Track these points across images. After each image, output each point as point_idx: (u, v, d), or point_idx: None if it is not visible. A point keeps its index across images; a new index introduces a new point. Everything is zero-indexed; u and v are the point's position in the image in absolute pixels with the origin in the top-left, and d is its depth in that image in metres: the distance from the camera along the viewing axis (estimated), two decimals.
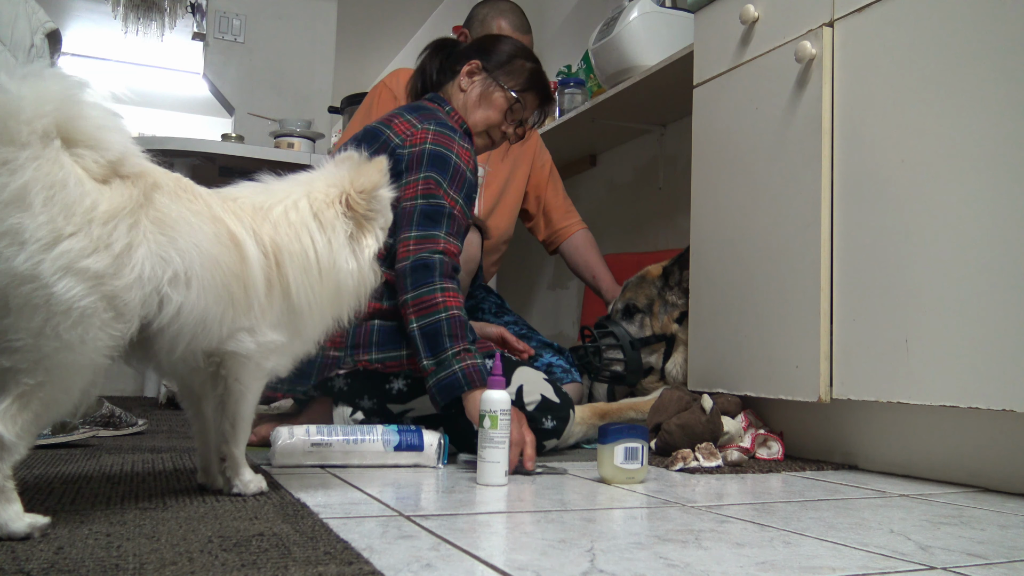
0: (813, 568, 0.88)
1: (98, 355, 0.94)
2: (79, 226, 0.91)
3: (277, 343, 1.17)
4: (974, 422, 1.53)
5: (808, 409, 1.87)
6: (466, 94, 2.00)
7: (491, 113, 1.99)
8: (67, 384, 0.93)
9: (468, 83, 2.01)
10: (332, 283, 1.22)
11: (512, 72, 2.03)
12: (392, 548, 0.90)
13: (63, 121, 0.92)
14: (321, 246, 1.21)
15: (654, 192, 3.19)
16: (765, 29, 1.95)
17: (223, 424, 1.19)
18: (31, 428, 0.91)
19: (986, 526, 1.15)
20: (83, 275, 0.91)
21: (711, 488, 1.45)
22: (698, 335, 2.11)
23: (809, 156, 1.79)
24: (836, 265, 1.73)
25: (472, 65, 2.02)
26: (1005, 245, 1.42)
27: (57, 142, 0.92)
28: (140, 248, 0.97)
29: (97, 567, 0.78)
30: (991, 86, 1.46)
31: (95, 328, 0.92)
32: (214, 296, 1.05)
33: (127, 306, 0.96)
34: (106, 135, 0.97)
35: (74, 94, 0.95)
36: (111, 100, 1.01)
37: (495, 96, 1.99)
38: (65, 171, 0.91)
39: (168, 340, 1.04)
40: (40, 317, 0.89)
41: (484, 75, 2.01)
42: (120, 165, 0.98)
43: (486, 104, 1.99)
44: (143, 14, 5.86)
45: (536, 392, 1.79)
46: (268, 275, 1.14)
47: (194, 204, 1.08)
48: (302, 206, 1.22)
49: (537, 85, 2.04)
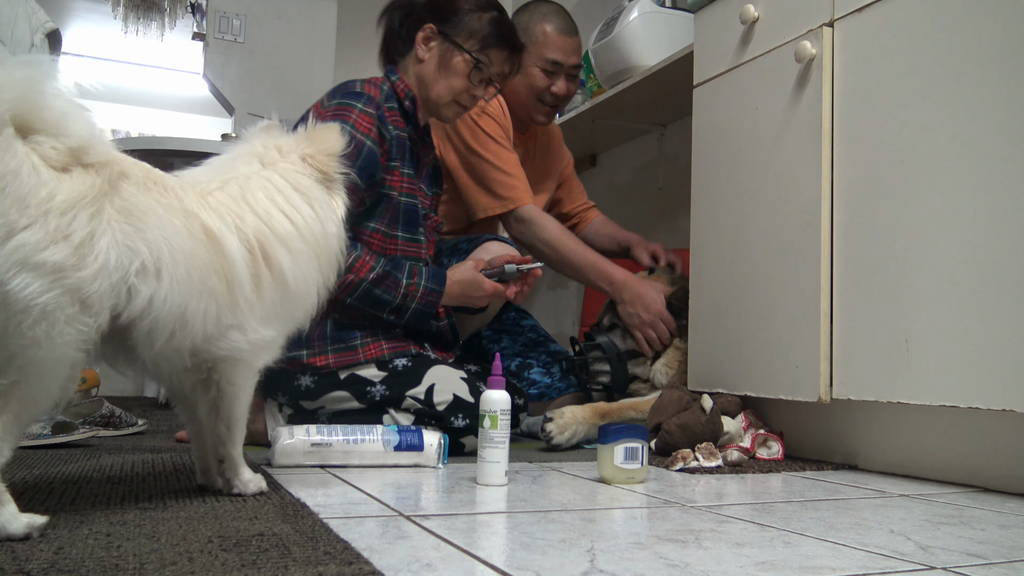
0: (813, 568, 0.88)
1: (69, 349, 0.91)
2: (34, 218, 0.87)
3: (267, 339, 1.15)
4: (974, 422, 1.53)
5: (808, 409, 1.87)
6: (424, 64, 1.90)
7: (454, 81, 1.88)
8: (42, 381, 0.91)
9: (425, 51, 1.90)
10: (325, 253, 1.22)
11: (470, 29, 1.89)
12: (392, 548, 0.90)
13: (23, 110, 0.89)
14: (311, 219, 1.20)
15: (654, 192, 3.19)
16: (765, 29, 1.95)
17: (218, 427, 1.19)
18: (12, 428, 0.89)
19: (986, 526, 1.15)
20: (41, 269, 0.87)
21: (711, 488, 1.45)
22: (698, 335, 2.11)
23: (809, 156, 1.79)
24: (836, 265, 1.73)
25: (426, 31, 1.90)
26: (1005, 245, 1.42)
27: (9, 130, 0.87)
28: (103, 237, 0.93)
29: (97, 567, 0.78)
30: (991, 86, 1.46)
31: (60, 323, 0.89)
32: (191, 290, 1.02)
33: (92, 297, 0.92)
34: (68, 123, 0.93)
35: (37, 83, 0.91)
36: (79, 93, 0.97)
37: (455, 62, 1.88)
38: (18, 160, 0.87)
39: (144, 334, 1.00)
40: (0, 316, 0.86)
41: (440, 39, 1.89)
42: (83, 153, 0.94)
43: (446, 71, 1.88)
44: (143, 14, 5.86)
45: (448, 391, 1.79)
46: (255, 270, 1.11)
47: (164, 197, 1.03)
48: (279, 183, 1.19)
49: (500, 37, 1.90)
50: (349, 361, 1.78)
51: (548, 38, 2.40)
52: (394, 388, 1.78)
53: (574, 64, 2.45)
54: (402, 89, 1.90)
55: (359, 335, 1.79)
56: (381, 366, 1.79)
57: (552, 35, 2.40)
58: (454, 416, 1.78)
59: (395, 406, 1.79)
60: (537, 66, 2.40)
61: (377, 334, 1.81)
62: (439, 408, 1.78)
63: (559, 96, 2.45)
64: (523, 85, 2.43)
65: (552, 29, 2.41)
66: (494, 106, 2.34)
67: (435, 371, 1.81)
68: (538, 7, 2.46)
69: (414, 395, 1.78)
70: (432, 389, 1.78)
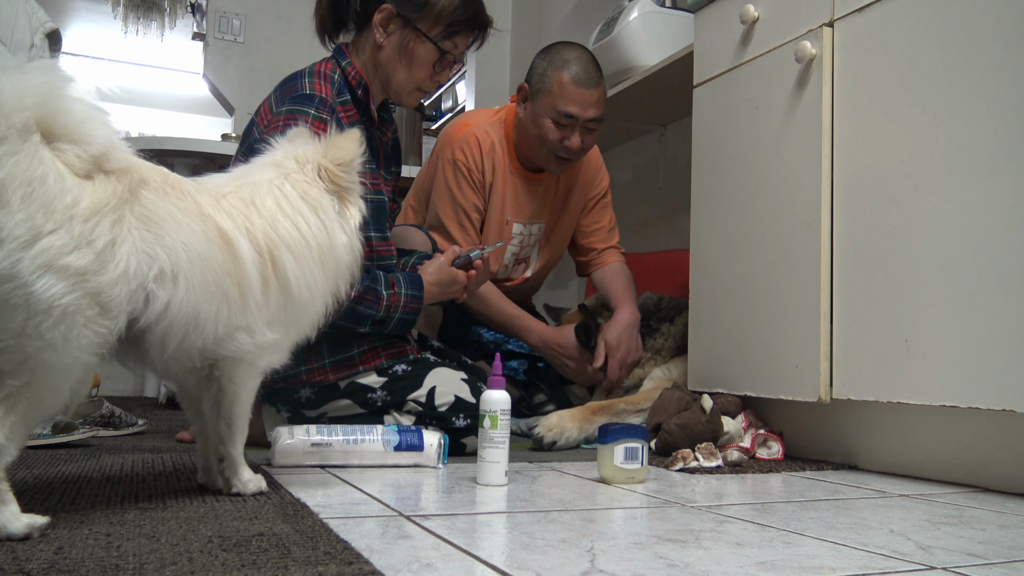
0: (813, 568, 0.88)
1: (84, 353, 0.93)
2: (59, 223, 0.89)
3: (272, 341, 1.16)
4: (974, 422, 1.53)
5: (808, 409, 1.87)
6: (383, 50, 1.73)
7: (415, 71, 1.73)
8: (54, 384, 0.92)
9: (383, 35, 1.71)
10: (331, 263, 1.22)
11: (435, 13, 1.70)
12: (392, 548, 0.90)
13: (44, 115, 0.90)
14: (317, 228, 1.20)
15: (654, 192, 3.19)
16: (765, 29, 1.95)
17: (219, 425, 1.19)
18: (20, 430, 0.90)
19: (986, 526, 1.15)
20: (63, 272, 0.89)
21: (711, 488, 1.45)
22: (698, 335, 2.11)
23: (809, 156, 1.79)
24: (836, 265, 1.73)
25: (384, 11, 1.71)
26: (1005, 245, 1.42)
27: (36, 137, 0.90)
28: (124, 244, 0.95)
29: (97, 567, 0.78)
30: (991, 86, 1.46)
31: (79, 326, 0.91)
32: (205, 293, 1.04)
33: (112, 302, 0.94)
34: (89, 129, 0.95)
35: (57, 88, 0.93)
36: (98, 97, 0.99)
37: (417, 50, 1.72)
38: (45, 167, 0.89)
39: (158, 338, 1.02)
40: (20, 317, 0.87)
41: (400, 22, 1.71)
42: (104, 160, 0.96)
43: (407, 59, 1.72)
44: (143, 14, 5.86)
45: (450, 393, 1.78)
46: (264, 273, 1.13)
47: (182, 201, 1.06)
48: (288, 191, 1.21)
49: (467, 21, 1.73)
50: (348, 372, 1.76)
51: (564, 89, 2.22)
52: (395, 393, 1.77)
53: (591, 117, 2.26)
54: (354, 77, 1.74)
55: (355, 346, 1.76)
56: (381, 372, 1.78)
57: (568, 86, 2.22)
58: (455, 416, 1.78)
59: (397, 410, 1.78)
60: (550, 117, 2.24)
61: (374, 342, 1.78)
62: (441, 409, 1.77)
63: (573, 151, 2.29)
64: (534, 136, 2.30)
65: (569, 79, 2.22)
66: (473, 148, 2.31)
67: (436, 374, 1.80)
68: (559, 52, 2.28)
69: (415, 398, 1.77)
70: (434, 391, 1.78)
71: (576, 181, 2.52)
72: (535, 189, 2.44)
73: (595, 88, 2.26)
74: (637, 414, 2.05)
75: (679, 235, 2.88)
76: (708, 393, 1.89)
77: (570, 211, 2.54)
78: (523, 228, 2.46)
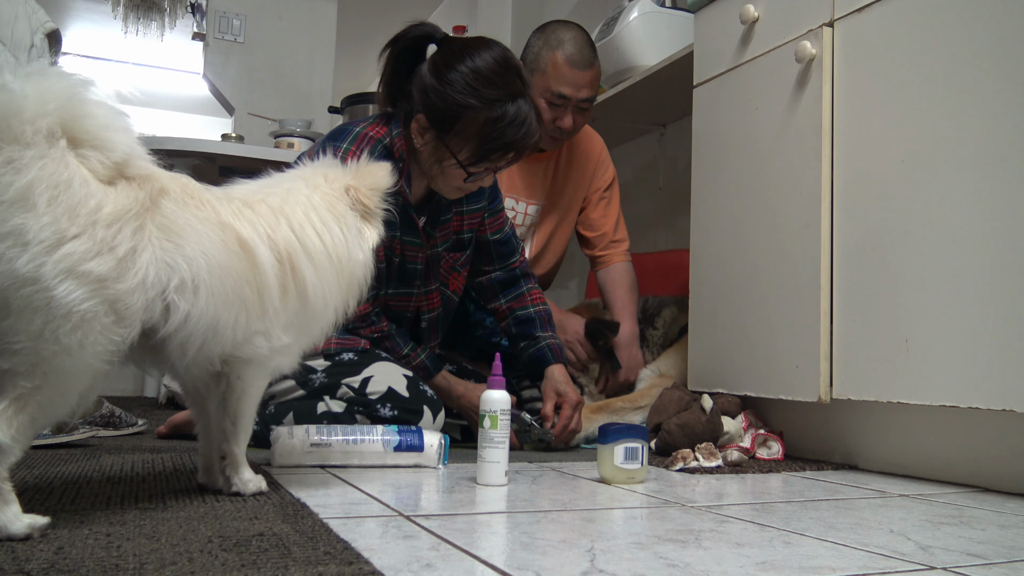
0: (813, 568, 0.88)
1: (97, 360, 0.93)
2: (83, 228, 0.90)
3: (286, 345, 1.18)
4: (974, 422, 1.53)
5: (808, 409, 1.87)
6: (421, 152, 1.74)
7: (451, 180, 1.73)
8: (64, 388, 0.92)
9: (420, 141, 1.72)
10: (347, 275, 1.24)
11: (465, 134, 1.66)
12: (392, 548, 0.90)
13: (67, 120, 0.91)
14: (339, 240, 1.22)
15: (654, 192, 3.19)
16: (765, 29, 1.95)
17: (224, 422, 1.20)
18: (27, 431, 0.91)
19: (986, 526, 1.15)
20: (85, 278, 0.90)
21: (711, 488, 1.45)
22: (698, 335, 2.11)
23: (809, 156, 1.79)
24: (836, 265, 1.73)
25: (419, 121, 1.70)
26: (1005, 245, 1.42)
27: (63, 142, 0.90)
28: (144, 253, 0.96)
29: (97, 567, 0.78)
30: (991, 86, 1.46)
31: (95, 332, 0.92)
32: (224, 302, 1.05)
33: (128, 311, 0.95)
34: (111, 135, 0.96)
35: (78, 92, 0.93)
36: (116, 100, 1.00)
37: (448, 167, 1.71)
38: (70, 171, 0.90)
39: (178, 346, 1.03)
40: (40, 320, 0.88)
41: (433, 134, 1.69)
42: (125, 166, 0.97)
43: (441, 169, 1.72)
44: (143, 14, 5.86)
45: (383, 384, 1.77)
46: (283, 280, 1.14)
47: (201, 211, 1.06)
48: (317, 201, 1.23)
49: (498, 147, 1.66)
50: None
51: (558, 69, 2.22)
52: (332, 376, 1.78)
53: (584, 97, 2.27)
54: (398, 149, 1.74)
55: None
56: (328, 358, 1.80)
57: (562, 66, 2.22)
58: (381, 405, 1.75)
59: (330, 393, 1.78)
60: (543, 97, 2.24)
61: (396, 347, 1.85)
62: (370, 397, 1.75)
63: (565, 130, 2.30)
64: None
65: (563, 59, 2.22)
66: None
67: (377, 366, 1.80)
68: (555, 32, 2.27)
69: (349, 383, 1.77)
70: (368, 380, 1.77)
71: (576, 169, 2.53)
72: (532, 168, 2.44)
73: (589, 69, 2.26)
74: (635, 411, 2.06)
75: (679, 235, 2.88)
76: (708, 393, 1.89)
77: (567, 199, 2.52)
78: (515, 204, 2.45)
